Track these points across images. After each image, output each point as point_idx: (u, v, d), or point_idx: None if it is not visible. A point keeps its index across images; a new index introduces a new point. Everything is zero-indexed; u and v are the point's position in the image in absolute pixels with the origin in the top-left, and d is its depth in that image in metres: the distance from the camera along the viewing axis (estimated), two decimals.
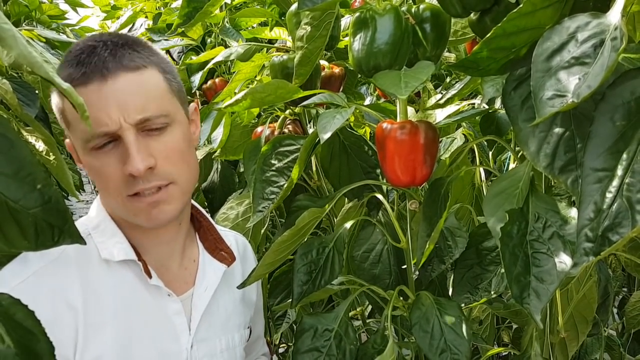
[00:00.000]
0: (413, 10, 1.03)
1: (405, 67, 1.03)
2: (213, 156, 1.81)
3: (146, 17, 2.94)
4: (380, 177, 1.27)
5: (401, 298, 1.16)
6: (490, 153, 1.77)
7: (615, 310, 2.24)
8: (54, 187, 0.63)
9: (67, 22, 3.43)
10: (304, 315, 1.13)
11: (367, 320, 1.66)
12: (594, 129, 0.66)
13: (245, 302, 1.28)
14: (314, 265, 1.11)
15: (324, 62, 1.52)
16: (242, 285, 1.10)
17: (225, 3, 2.21)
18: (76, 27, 3.58)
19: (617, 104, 0.65)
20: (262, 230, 1.65)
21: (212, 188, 2.18)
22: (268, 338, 1.72)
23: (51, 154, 1.35)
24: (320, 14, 1.09)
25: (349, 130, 1.31)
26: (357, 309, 1.53)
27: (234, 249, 1.27)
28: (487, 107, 1.41)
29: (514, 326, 1.77)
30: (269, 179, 1.19)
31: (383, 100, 1.97)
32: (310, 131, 1.58)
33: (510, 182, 0.88)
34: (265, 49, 1.54)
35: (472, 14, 0.96)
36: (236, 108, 1.07)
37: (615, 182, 0.63)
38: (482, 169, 1.51)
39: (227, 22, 2.20)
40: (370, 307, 1.72)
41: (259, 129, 1.57)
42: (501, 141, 1.15)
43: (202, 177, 2.11)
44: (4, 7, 2.32)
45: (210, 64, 1.65)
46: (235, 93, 1.59)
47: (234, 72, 1.62)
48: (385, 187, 1.28)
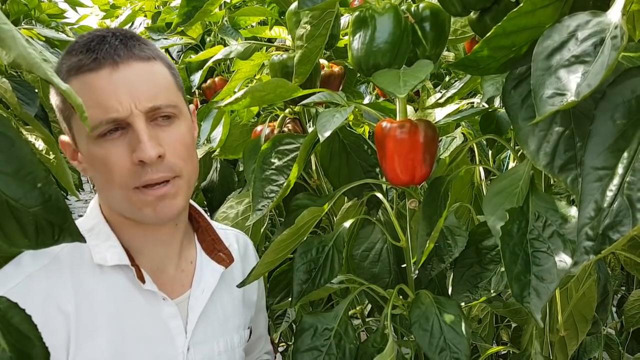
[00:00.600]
0: (412, 9, 1.03)
1: (404, 66, 1.03)
2: (212, 155, 1.81)
3: (145, 16, 2.94)
4: (380, 176, 1.27)
5: (401, 297, 1.16)
6: (490, 152, 1.77)
7: (614, 309, 2.24)
8: (54, 185, 0.63)
9: (66, 20, 3.42)
10: (303, 315, 1.13)
11: (367, 319, 1.66)
12: (594, 128, 0.66)
13: (245, 303, 1.27)
14: (314, 264, 1.11)
15: (323, 61, 1.52)
16: (242, 284, 1.10)
17: (224, 2, 2.21)
18: (75, 26, 3.58)
19: (618, 102, 0.65)
20: (262, 229, 1.65)
21: (211, 187, 2.18)
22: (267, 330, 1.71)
23: (51, 152, 1.35)
24: (320, 13, 1.09)
25: (349, 129, 1.31)
26: (357, 308, 1.53)
27: (235, 248, 1.26)
28: (486, 106, 1.41)
29: (513, 325, 1.77)
30: (269, 178, 1.19)
31: (382, 99, 1.97)
32: (310, 130, 1.58)
33: (510, 181, 0.88)
34: (264, 48, 1.54)
35: (472, 13, 0.96)
36: (236, 106, 1.07)
37: (616, 181, 0.63)
38: (481, 168, 1.51)
39: (226, 21, 2.19)
40: (369, 306, 1.72)
41: (259, 127, 1.57)
42: (501, 140, 1.15)
43: (202, 176, 2.11)
44: (3, 6, 2.32)
45: (209, 62, 1.64)
46: (235, 92, 1.59)
47: (234, 71, 1.62)
48: (384, 186, 1.28)
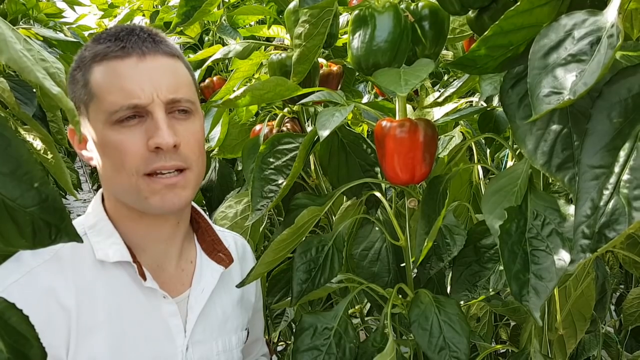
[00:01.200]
0: (412, 7, 1.03)
1: (404, 64, 1.03)
2: (211, 155, 1.81)
3: (143, 15, 2.94)
4: (379, 175, 1.26)
5: (400, 296, 1.16)
6: (488, 151, 1.77)
7: (612, 308, 2.24)
8: (51, 185, 0.63)
9: (64, 20, 3.42)
10: (303, 314, 1.13)
11: (366, 318, 1.66)
12: (591, 126, 0.66)
13: (243, 304, 1.27)
14: (313, 263, 1.11)
15: (322, 60, 1.52)
16: (241, 284, 1.10)
17: (222, 1, 2.21)
18: (73, 25, 3.57)
19: (614, 101, 0.65)
20: (261, 229, 1.65)
21: (210, 187, 2.18)
22: (266, 337, 1.72)
23: (49, 152, 1.35)
24: (318, 12, 1.09)
25: (348, 128, 1.31)
26: (356, 307, 1.53)
27: (233, 250, 1.27)
28: (485, 105, 1.41)
29: (512, 323, 1.78)
30: (268, 177, 1.19)
31: (381, 98, 1.97)
32: (309, 129, 1.58)
33: (509, 179, 0.88)
34: (263, 47, 1.54)
35: (470, 12, 0.96)
36: (235, 105, 1.07)
37: (612, 179, 0.63)
38: (480, 166, 1.51)
39: (224, 20, 2.19)
40: (368, 305, 1.72)
41: (257, 127, 1.57)
42: (499, 139, 1.15)
43: None
44: (1, 6, 2.32)
45: (208, 62, 1.64)
46: (234, 91, 1.59)
47: (232, 70, 1.62)
48: (383, 185, 1.28)
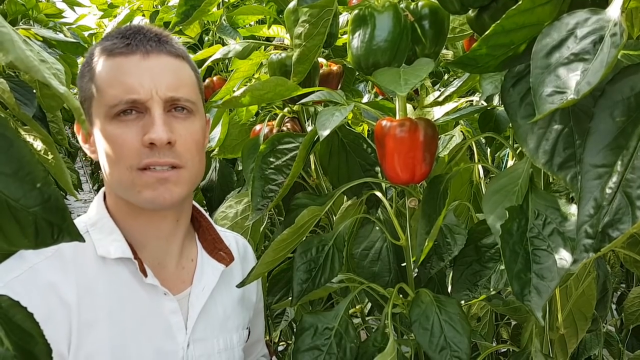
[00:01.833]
0: (412, 7, 1.03)
1: (404, 64, 1.03)
2: (211, 155, 1.81)
3: (143, 15, 2.93)
4: (380, 175, 1.26)
5: (401, 295, 1.16)
6: (489, 150, 1.77)
7: (613, 307, 2.24)
8: (53, 186, 0.63)
9: (64, 20, 3.41)
10: (304, 314, 1.13)
11: (367, 318, 1.66)
12: (593, 125, 0.66)
13: (244, 303, 1.28)
14: (314, 263, 1.11)
15: (322, 60, 1.52)
16: (242, 284, 1.10)
17: (222, 1, 2.21)
18: (73, 26, 3.56)
19: (617, 99, 0.65)
20: (261, 229, 1.64)
21: (210, 187, 2.17)
22: (267, 337, 1.71)
23: (49, 153, 1.35)
24: (318, 11, 1.09)
25: (348, 128, 1.31)
26: (357, 307, 1.53)
27: (234, 250, 1.27)
28: (485, 104, 1.41)
29: (513, 323, 1.77)
30: (268, 177, 1.19)
31: (381, 97, 1.97)
32: (309, 129, 1.58)
33: (510, 179, 0.88)
34: (263, 47, 1.54)
35: (471, 11, 0.96)
36: (235, 105, 1.07)
37: (615, 178, 0.62)
38: (480, 166, 1.51)
39: (224, 20, 2.19)
40: (369, 304, 1.72)
41: (258, 127, 1.57)
42: (500, 138, 1.15)
43: None
44: (1, 7, 2.31)
45: (208, 62, 1.64)
46: (234, 91, 1.58)
47: (232, 70, 1.62)
48: (383, 185, 1.27)
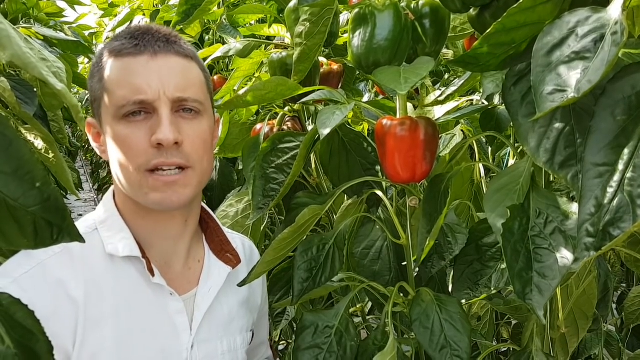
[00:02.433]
0: (412, 6, 1.03)
1: (404, 63, 1.02)
2: None
3: (144, 14, 2.93)
4: (380, 174, 1.26)
5: (401, 294, 1.16)
6: (490, 149, 1.77)
7: (614, 306, 2.24)
8: (53, 185, 0.63)
9: (64, 19, 3.41)
10: (304, 313, 1.13)
11: (367, 317, 1.66)
12: (594, 124, 0.66)
13: (249, 306, 1.27)
14: (315, 262, 1.11)
15: (322, 59, 1.52)
16: (243, 283, 1.10)
17: (223, 0, 2.21)
18: (74, 25, 3.56)
19: (618, 98, 0.65)
20: (262, 228, 1.64)
21: (210, 186, 2.17)
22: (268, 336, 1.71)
23: (50, 152, 1.35)
24: (319, 10, 1.08)
25: (348, 127, 1.31)
26: (357, 306, 1.53)
27: (241, 251, 1.27)
28: (486, 104, 1.41)
29: (514, 322, 1.77)
30: (269, 176, 1.19)
31: (381, 97, 1.97)
32: (310, 128, 1.58)
33: (511, 178, 0.88)
34: (263, 46, 1.54)
35: (472, 10, 0.96)
36: (237, 105, 1.07)
37: (617, 177, 0.63)
38: (481, 165, 1.51)
39: (224, 19, 2.19)
40: (369, 303, 1.72)
41: (258, 126, 1.57)
42: (501, 137, 1.15)
43: None
44: (2, 5, 2.31)
45: (208, 60, 1.64)
46: (235, 90, 1.58)
47: (233, 69, 1.62)
48: (384, 184, 1.27)
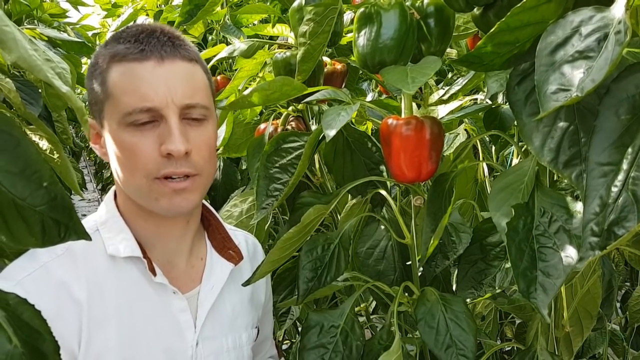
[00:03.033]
0: (417, 5, 1.03)
1: (410, 62, 1.03)
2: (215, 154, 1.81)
3: (147, 14, 2.93)
4: (384, 174, 1.26)
5: (406, 294, 1.16)
6: (493, 148, 1.77)
7: (618, 305, 2.23)
8: (60, 185, 0.63)
9: (67, 20, 3.42)
10: (310, 312, 1.13)
11: (371, 317, 1.66)
12: (598, 123, 0.66)
13: (253, 302, 1.28)
14: (320, 261, 1.11)
15: (325, 59, 1.52)
16: (248, 282, 1.11)
17: (226, 0, 2.21)
18: (77, 26, 3.57)
19: (622, 97, 0.66)
20: (265, 227, 1.65)
21: (214, 186, 2.18)
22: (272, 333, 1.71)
23: (55, 152, 1.35)
24: (323, 10, 1.09)
25: (353, 126, 1.31)
26: (362, 305, 1.53)
27: (244, 248, 1.27)
28: (490, 103, 1.41)
29: (517, 321, 1.77)
30: (273, 176, 1.19)
31: (385, 96, 1.97)
32: (313, 128, 1.58)
33: (515, 177, 0.88)
34: (267, 46, 1.54)
35: (476, 9, 0.96)
36: (242, 106, 1.07)
37: (621, 176, 0.63)
38: (485, 164, 1.51)
39: (228, 19, 2.19)
40: (373, 303, 1.72)
41: (262, 126, 1.57)
42: (505, 136, 1.15)
43: None
44: (6, 6, 2.32)
45: (213, 61, 1.64)
46: (239, 90, 1.59)
47: (236, 69, 1.62)
48: (388, 184, 1.27)
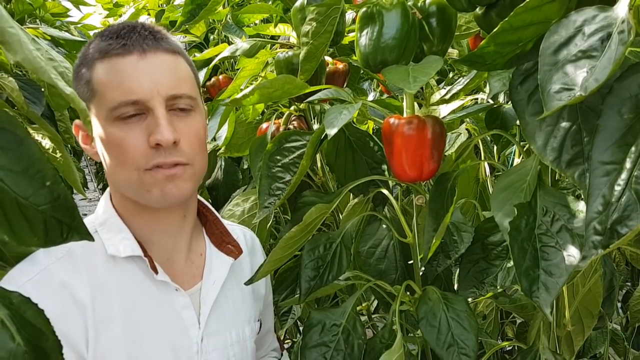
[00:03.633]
0: (419, 4, 1.03)
1: (411, 62, 1.03)
2: (217, 153, 1.81)
3: (149, 14, 2.93)
4: (386, 173, 1.27)
5: (408, 293, 1.16)
6: (495, 148, 1.77)
7: (619, 304, 2.23)
8: (63, 184, 0.63)
9: (69, 19, 3.43)
10: (312, 311, 1.13)
11: (372, 316, 1.66)
12: (601, 123, 0.66)
13: (254, 296, 1.29)
14: (322, 260, 1.12)
15: (327, 58, 1.52)
16: (250, 281, 1.11)
17: None
18: (78, 25, 3.58)
19: (625, 97, 0.66)
20: (267, 226, 1.65)
21: (215, 185, 2.18)
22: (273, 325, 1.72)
23: (57, 151, 1.36)
24: (325, 10, 1.09)
25: (355, 126, 1.31)
26: (363, 304, 1.53)
27: (242, 242, 1.28)
28: (491, 102, 1.41)
29: (518, 321, 1.78)
30: (275, 175, 1.19)
31: (386, 95, 1.97)
32: (315, 127, 1.58)
33: (518, 176, 0.88)
34: (269, 45, 1.54)
35: (478, 9, 0.96)
36: (244, 103, 1.07)
37: (624, 175, 0.63)
38: (486, 163, 1.51)
39: (229, 19, 2.19)
40: (375, 302, 1.72)
41: (264, 125, 1.57)
42: (507, 135, 1.15)
43: (206, 174, 2.11)
44: (8, 6, 2.32)
45: (215, 60, 1.65)
46: (241, 89, 1.59)
47: (238, 69, 1.62)
48: (390, 183, 1.28)
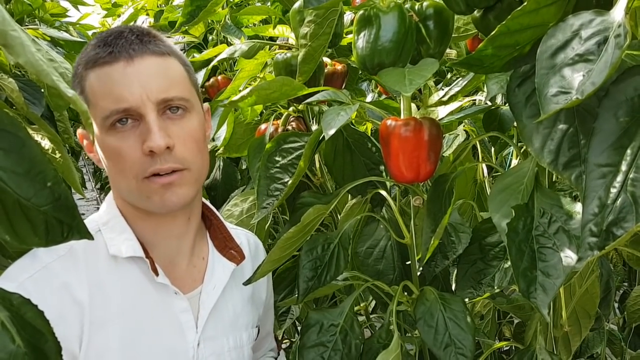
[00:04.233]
0: (416, 7, 1.04)
1: (408, 64, 1.03)
2: (216, 154, 1.82)
3: (147, 14, 2.93)
4: (384, 174, 1.27)
5: (405, 293, 1.17)
6: (493, 149, 1.78)
7: (616, 305, 2.24)
8: (63, 185, 0.64)
9: (67, 19, 3.43)
10: (309, 311, 1.14)
11: (370, 316, 1.67)
12: (597, 125, 0.67)
13: (254, 301, 1.28)
14: (320, 261, 1.12)
15: (326, 59, 1.53)
16: (249, 282, 1.11)
17: (227, 1, 2.22)
18: (77, 25, 3.58)
19: (621, 100, 0.66)
20: (266, 227, 1.65)
21: (214, 185, 2.19)
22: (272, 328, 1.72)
23: (57, 152, 1.36)
24: (324, 12, 1.09)
25: (353, 127, 1.31)
26: (361, 305, 1.54)
27: (245, 247, 1.27)
28: (489, 104, 1.42)
29: (516, 321, 1.78)
30: (274, 176, 1.20)
31: (384, 97, 1.97)
32: (314, 128, 1.59)
33: (515, 178, 0.89)
34: (268, 47, 1.55)
35: (476, 11, 0.97)
36: (242, 104, 1.08)
37: (620, 178, 0.63)
38: (484, 165, 1.52)
39: (228, 20, 2.20)
40: (373, 302, 1.73)
41: (263, 126, 1.58)
42: (504, 137, 1.16)
43: None
44: (8, 6, 2.32)
45: (214, 61, 1.65)
46: (240, 91, 1.59)
47: (237, 70, 1.63)
48: (388, 184, 1.28)
